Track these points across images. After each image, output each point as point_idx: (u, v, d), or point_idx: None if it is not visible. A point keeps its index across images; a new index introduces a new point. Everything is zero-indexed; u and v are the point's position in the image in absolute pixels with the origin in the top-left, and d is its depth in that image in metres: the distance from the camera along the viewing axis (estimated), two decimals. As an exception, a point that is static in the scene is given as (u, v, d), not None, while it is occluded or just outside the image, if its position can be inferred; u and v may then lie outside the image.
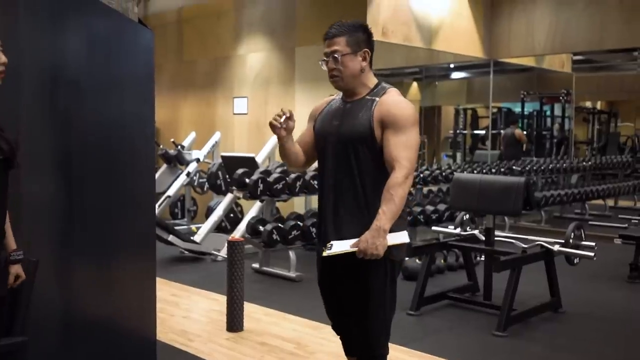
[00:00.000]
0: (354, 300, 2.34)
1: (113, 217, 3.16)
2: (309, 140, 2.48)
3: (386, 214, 2.13)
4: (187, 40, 9.18)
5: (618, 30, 7.65)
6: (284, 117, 2.36)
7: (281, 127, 2.36)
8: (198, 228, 6.97)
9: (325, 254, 2.20)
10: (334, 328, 2.57)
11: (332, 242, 2.24)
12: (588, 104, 12.82)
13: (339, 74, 2.32)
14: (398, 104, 2.28)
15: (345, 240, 2.23)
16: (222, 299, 4.45)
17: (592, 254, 4.35)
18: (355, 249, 2.14)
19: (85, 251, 3.07)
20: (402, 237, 2.21)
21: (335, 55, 2.30)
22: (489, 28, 8.52)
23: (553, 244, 4.48)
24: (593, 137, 12.80)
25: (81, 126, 2.98)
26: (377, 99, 2.31)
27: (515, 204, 4.27)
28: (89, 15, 2.89)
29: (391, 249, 2.19)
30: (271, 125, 2.37)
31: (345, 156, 2.30)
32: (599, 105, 13.20)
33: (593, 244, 4.50)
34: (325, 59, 2.35)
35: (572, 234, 4.52)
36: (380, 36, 6.91)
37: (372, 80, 2.38)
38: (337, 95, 2.47)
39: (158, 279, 5.44)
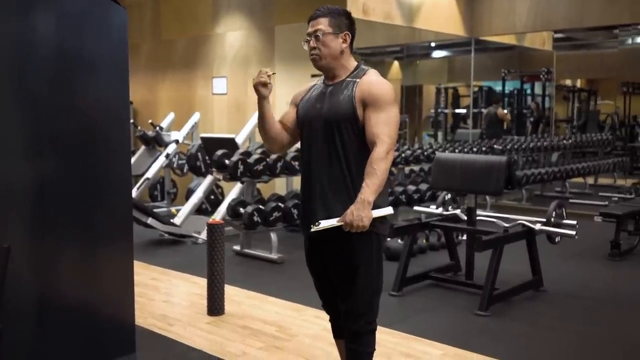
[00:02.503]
0: (342, 275, 2.40)
1: (88, 201, 3.08)
2: (291, 121, 2.53)
3: (370, 186, 2.21)
4: (164, 18, 9.01)
5: (599, 8, 7.64)
6: (269, 73, 2.39)
7: (266, 84, 2.38)
8: (178, 210, 6.88)
9: (313, 229, 2.26)
10: (324, 307, 2.64)
11: (319, 221, 2.29)
12: (568, 82, 12.85)
13: (319, 53, 2.39)
14: (378, 83, 2.35)
15: (332, 219, 2.29)
16: (203, 282, 4.39)
17: (573, 232, 4.35)
18: (341, 223, 2.22)
19: (60, 236, 3.00)
20: (386, 209, 2.29)
21: (317, 34, 2.38)
22: (470, 6, 8.47)
23: (535, 222, 4.48)
24: (573, 115, 12.85)
25: (52, 108, 2.88)
26: (357, 80, 2.38)
27: (497, 183, 4.25)
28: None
29: (376, 222, 2.26)
30: (260, 83, 2.38)
31: (330, 137, 2.35)
32: (578, 84, 13.24)
33: (574, 222, 4.50)
34: (307, 38, 2.43)
35: (554, 212, 4.51)
36: (361, 14, 6.83)
37: (352, 63, 2.45)
38: (319, 81, 2.52)
39: (137, 263, 5.38)
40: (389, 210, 2.30)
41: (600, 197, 8.17)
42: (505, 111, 11.37)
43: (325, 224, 2.25)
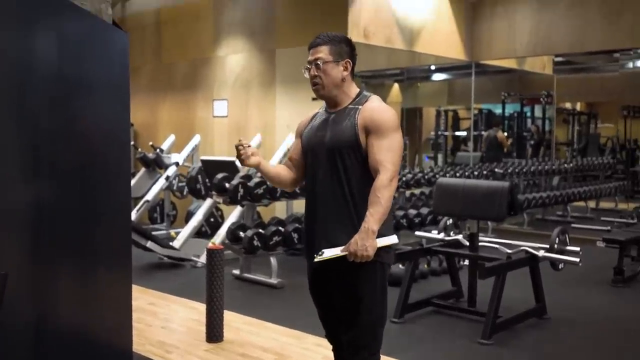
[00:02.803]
0: (346, 306, 2.36)
1: (87, 226, 3.03)
2: (298, 156, 2.53)
3: (374, 215, 2.18)
4: (165, 41, 9.04)
5: (599, 33, 7.66)
6: (245, 145, 2.42)
7: (250, 155, 2.41)
8: (177, 233, 6.83)
9: (317, 259, 2.23)
10: (327, 337, 2.58)
11: (323, 250, 2.26)
12: (568, 105, 12.86)
13: (320, 82, 2.38)
14: (380, 110, 2.33)
15: (336, 248, 2.26)
16: (202, 308, 4.33)
17: (577, 259, 4.30)
18: (345, 253, 2.19)
19: (57, 261, 2.94)
20: (391, 238, 2.26)
21: (318, 63, 2.37)
22: (470, 30, 8.50)
23: (538, 249, 4.43)
24: (573, 139, 12.85)
25: (52, 131, 2.85)
26: (359, 107, 2.36)
27: (499, 208, 4.21)
28: (59, 16, 2.76)
29: (380, 251, 2.24)
30: (241, 159, 2.42)
31: (333, 165, 2.34)
32: (578, 107, 13.25)
33: (578, 248, 4.45)
34: (308, 66, 2.42)
35: (557, 239, 4.46)
36: (362, 38, 6.84)
37: (354, 90, 2.44)
38: (321, 108, 2.52)
39: (135, 287, 5.31)
40: (393, 239, 2.27)
41: (602, 221, 8.11)
42: (505, 134, 11.38)
43: (329, 253, 2.22)
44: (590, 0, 7.74)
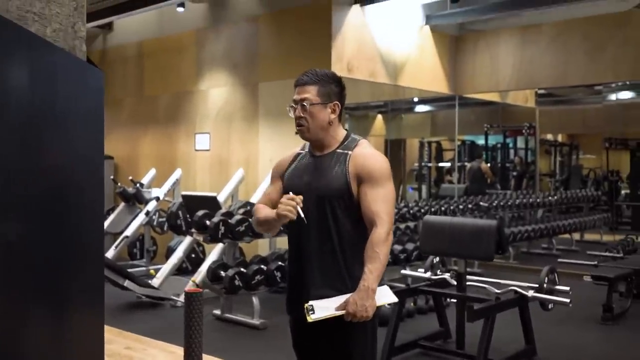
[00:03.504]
0: None
1: (57, 267, 2.86)
2: (277, 197, 2.32)
3: (373, 272, 2.06)
4: (147, 74, 8.94)
5: (582, 67, 7.70)
6: (299, 203, 2.16)
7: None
8: (157, 270, 6.65)
9: (310, 319, 2.05)
10: None
11: (311, 303, 2.09)
12: (550, 136, 12.92)
13: (306, 124, 2.24)
14: (372, 157, 2.22)
15: (325, 300, 2.10)
16: (180, 352, 4.13)
17: (567, 300, 4.20)
18: (342, 312, 2.04)
19: (25, 304, 2.78)
20: (390, 297, 2.16)
21: (304, 104, 2.22)
22: (454, 64, 8.52)
23: (527, 288, 4.32)
24: (556, 170, 12.88)
25: (22, 169, 2.71)
26: (349, 152, 2.24)
27: (487, 248, 4.11)
28: (30, 53, 2.64)
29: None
30: (286, 217, 2.16)
31: (322, 214, 2.20)
32: (560, 138, 13.32)
33: (567, 288, 4.35)
34: (293, 105, 2.27)
35: (546, 278, 4.36)
36: (346, 72, 6.80)
37: (341, 133, 2.30)
38: (303, 149, 2.36)
39: (111, 329, 5.13)
40: (392, 299, 2.16)
41: (589, 255, 8.05)
42: (488, 165, 11.38)
43: (322, 312, 2.06)
44: (573, 35, 7.80)
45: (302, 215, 2.13)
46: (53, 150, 2.85)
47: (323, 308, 2.07)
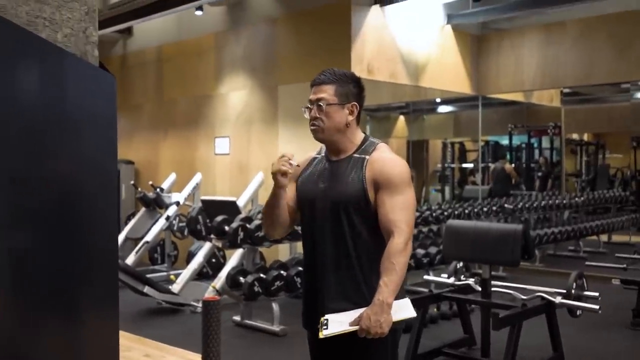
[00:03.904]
0: None
1: (67, 278, 2.81)
2: (292, 203, 2.24)
3: (389, 285, 1.93)
4: (167, 79, 8.93)
5: (607, 65, 7.50)
6: (291, 160, 2.07)
7: (289, 173, 2.09)
8: (177, 275, 6.60)
9: (322, 335, 1.94)
10: None
11: (326, 317, 1.98)
12: (575, 135, 12.67)
13: (321, 124, 2.13)
14: (391, 162, 2.10)
15: (341, 314, 1.99)
16: (199, 359, 4.09)
17: (596, 307, 4.04)
18: (355, 328, 1.93)
19: (37, 315, 2.73)
20: (407, 311, 2.02)
21: (320, 104, 2.12)
22: (476, 64, 8.36)
23: (554, 294, 4.18)
24: (582, 169, 12.62)
25: (33, 178, 2.66)
26: (367, 157, 2.11)
27: (513, 253, 3.98)
28: (41, 58, 2.60)
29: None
30: (280, 172, 2.06)
31: (337, 222, 2.09)
32: (586, 137, 13.07)
33: (597, 294, 4.20)
34: (309, 106, 2.16)
35: (574, 284, 4.21)
36: (366, 74, 6.70)
37: (359, 136, 2.18)
38: (320, 153, 2.25)
39: (131, 336, 5.09)
40: (410, 313, 2.01)
41: (617, 258, 7.83)
42: (513, 165, 11.20)
43: (335, 327, 1.95)
44: (598, 32, 7.60)
45: (295, 164, 2.06)
46: (64, 158, 2.79)
47: (337, 323, 1.96)
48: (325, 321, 1.96)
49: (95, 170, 2.92)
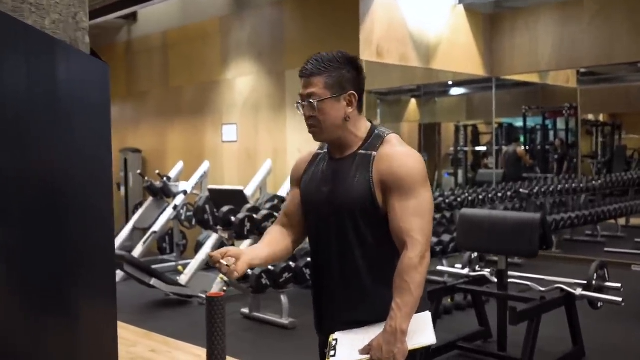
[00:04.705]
0: None
1: (59, 274, 2.67)
2: (297, 210, 1.98)
3: (402, 309, 1.66)
4: (172, 65, 8.75)
5: (627, 44, 7.23)
6: (222, 259, 1.78)
7: (234, 268, 1.78)
8: (185, 265, 6.47)
9: None
10: None
11: (336, 337, 1.76)
12: (591, 116, 12.41)
13: (318, 125, 1.84)
14: (402, 158, 1.79)
15: (352, 333, 1.76)
16: (205, 355, 3.96)
17: (619, 299, 3.86)
18: (366, 357, 1.67)
19: (30, 315, 2.60)
20: (426, 335, 1.70)
21: (311, 100, 1.82)
22: (490, 45, 8.11)
23: (574, 286, 4.00)
24: (597, 151, 12.37)
25: (23, 172, 2.51)
26: (373, 152, 1.82)
27: (530, 244, 3.80)
28: (27, 46, 2.43)
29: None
30: (226, 275, 1.81)
31: (342, 230, 1.82)
32: (601, 118, 12.80)
33: (619, 285, 4.02)
34: (300, 102, 1.87)
35: (595, 274, 4.03)
36: (375, 56, 6.50)
37: (363, 127, 1.88)
38: (323, 148, 1.98)
39: (137, 330, 4.97)
40: (430, 339, 1.70)
41: (637, 243, 7.62)
42: (527, 148, 10.98)
43: (344, 356, 1.71)
44: (617, 10, 7.32)
45: (226, 263, 1.76)
46: (54, 150, 2.64)
47: (347, 347, 1.72)
48: (334, 342, 1.74)
49: (87, 161, 2.76)
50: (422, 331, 1.69)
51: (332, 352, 1.71)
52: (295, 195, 1.99)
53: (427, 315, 1.74)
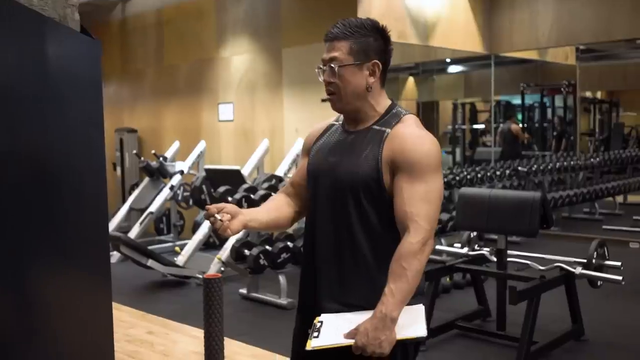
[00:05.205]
0: None
1: (53, 262, 2.63)
2: (303, 182, 1.89)
3: (395, 295, 1.56)
4: (167, 43, 8.64)
5: (627, 20, 7.14)
6: (216, 213, 1.73)
7: (227, 225, 1.73)
8: (183, 246, 6.43)
9: (310, 346, 1.58)
10: None
11: (321, 319, 1.66)
12: (588, 93, 12.35)
13: (337, 92, 1.74)
14: (416, 139, 1.69)
15: (339, 316, 1.67)
16: (203, 337, 3.94)
17: (619, 277, 3.84)
18: (350, 342, 1.57)
19: (21, 302, 2.56)
20: (417, 328, 1.59)
21: (332, 65, 1.72)
22: (489, 21, 8.00)
23: (574, 264, 3.97)
24: (595, 128, 12.33)
25: (11, 154, 2.46)
26: (387, 130, 1.72)
27: (531, 223, 3.76)
28: (13, 24, 2.36)
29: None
30: (218, 232, 1.77)
31: (342, 206, 1.73)
32: (599, 95, 12.74)
33: (619, 263, 3.99)
34: (322, 67, 1.77)
35: (595, 253, 4.00)
36: (373, 34, 6.39)
37: (383, 103, 1.79)
38: (338, 120, 1.89)
39: (134, 312, 4.95)
40: (420, 331, 1.58)
41: (635, 220, 7.61)
42: (525, 125, 10.93)
43: (327, 339, 1.59)
44: (618, -16, 7.23)
45: (220, 217, 1.72)
46: (44, 129, 2.57)
47: (332, 329, 1.62)
48: (319, 324, 1.63)
49: (79, 140, 2.70)
50: (413, 324, 1.59)
51: (315, 334, 1.61)
52: (304, 165, 1.90)
53: (420, 308, 1.64)
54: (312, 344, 1.58)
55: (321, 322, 1.64)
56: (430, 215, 1.63)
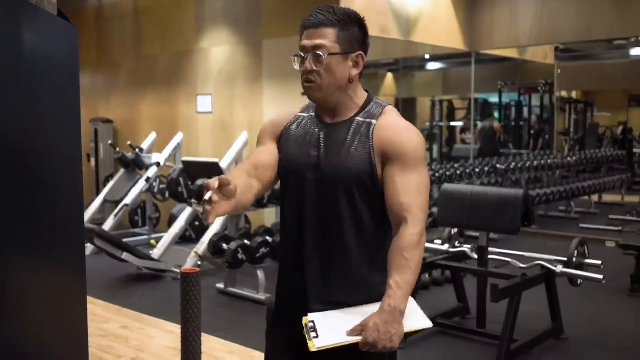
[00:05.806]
0: None
1: (27, 254, 2.53)
2: (265, 167, 1.73)
3: (402, 288, 1.52)
4: (145, 32, 8.48)
5: (608, 20, 7.18)
6: (209, 194, 1.53)
7: (216, 209, 1.54)
8: (158, 239, 6.32)
9: (314, 347, 1.51)
10: None
11: (312, 319, 1.58)
12: (564, 93, 12.47)
13: (318, 81, 1.65)
14: (405, 131, 1.67)
15: (328, 314, 1.60)
16: (179, 332, 3.85)
17: (600, 276, 3.84)
18: (356, 339, 1.52)
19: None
20: (422, 320, 1.59)
21: (319, 53, 1.63)
22: (470, 18, 7.99)
23: (554, 263, 3.97)
24: (570, 128, 12.45)
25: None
26: (373, 121, 1.68)
27: (513, 220, 3.74)
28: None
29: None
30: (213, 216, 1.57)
31: (333, 203, 1.66)
32: (574, 95, 12.87)
33: (599, 262, 4.00)
34: (301, 54, 1.67)
35: (576, 251, 4.00)
36: (355, 28, 6.33)
37: (361, 95, 1.73)
38: (306, 111, 1.79)
39: (109, 306, 4.84)
40: (426, 323, 1.59)
41: (611, 220, 7.66)
42: (502, 124, 11.00)
43: (330, 339, 1.52)
44: (599, -15, 7.26)
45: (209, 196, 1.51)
46: (17, 117, 2.46)
47: (328, 328, 1.56)
48: (312, 324, 1.56)
49: (54, 129, 2.59)
50: (413, 315, 1.58)
51: (313, 334, 1.54)
52: (271, 150, 1.76)
53: (412, 301, 1.61)
54: (316, 344, 1.52)
55: (312, 321, 1.58)
56: (424, 206, 1.62)
